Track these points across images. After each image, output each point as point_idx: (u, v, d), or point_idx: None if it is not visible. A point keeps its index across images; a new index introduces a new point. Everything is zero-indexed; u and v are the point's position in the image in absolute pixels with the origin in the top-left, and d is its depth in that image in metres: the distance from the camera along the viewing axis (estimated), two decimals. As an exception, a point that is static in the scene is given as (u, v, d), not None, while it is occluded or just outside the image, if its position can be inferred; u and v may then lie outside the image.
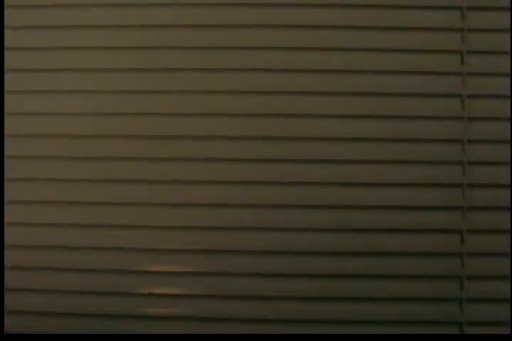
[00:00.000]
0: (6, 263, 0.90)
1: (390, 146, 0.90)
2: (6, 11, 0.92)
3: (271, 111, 0.91)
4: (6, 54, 0.92)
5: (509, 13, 0.89)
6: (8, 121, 0.91)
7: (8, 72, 0.92)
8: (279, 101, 0.91)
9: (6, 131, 0.91)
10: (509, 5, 0.89)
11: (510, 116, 0.89)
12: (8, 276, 0.91)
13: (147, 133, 0.91)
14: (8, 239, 0.91)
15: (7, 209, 0.91)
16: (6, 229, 0.91)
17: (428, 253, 0.90)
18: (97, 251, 0.91)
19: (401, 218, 0.90)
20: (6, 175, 0.91)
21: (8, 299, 0.91)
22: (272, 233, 0.90)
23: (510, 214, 0.89)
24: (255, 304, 0.90)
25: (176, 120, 0.91)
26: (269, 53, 0.91)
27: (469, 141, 0.89)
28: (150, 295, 0.90)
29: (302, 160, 0.90)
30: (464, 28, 0.89)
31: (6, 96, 0.92)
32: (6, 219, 0.91)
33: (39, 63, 0.92)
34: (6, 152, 0.91)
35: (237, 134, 0.90)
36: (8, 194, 0.91)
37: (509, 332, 0.88)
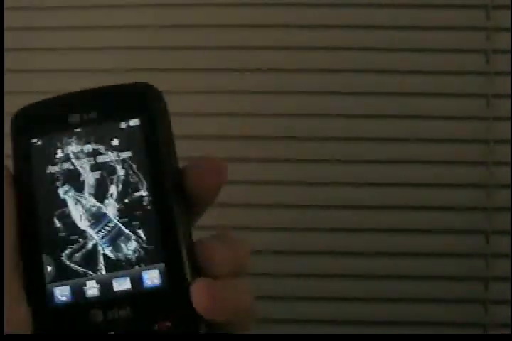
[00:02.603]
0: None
1: (413, 146, 0.89)
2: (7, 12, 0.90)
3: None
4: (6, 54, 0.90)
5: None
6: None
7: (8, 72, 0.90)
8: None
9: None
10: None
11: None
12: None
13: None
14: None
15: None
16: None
17: (452, 254, 0.89)
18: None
19: (424, 219, 0.89)
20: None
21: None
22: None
23: (511, 214, 0.88)
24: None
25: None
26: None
27: (494, 141, 0.89)
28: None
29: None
30: (488, 27, 0.89)
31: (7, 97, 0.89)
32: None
33: (42, 63, 0.91)
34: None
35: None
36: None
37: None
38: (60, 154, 0.31)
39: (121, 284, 0.29)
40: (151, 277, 0.28)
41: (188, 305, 0.28)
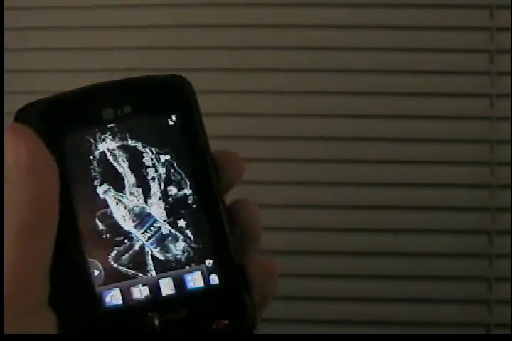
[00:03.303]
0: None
1: (415, 146, 0.89)
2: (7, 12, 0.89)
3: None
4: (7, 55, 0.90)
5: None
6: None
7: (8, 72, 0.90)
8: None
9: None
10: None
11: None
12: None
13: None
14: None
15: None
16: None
17: (456, 255, 0.88)
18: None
19: (427, 219, 0.89)
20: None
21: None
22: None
23: (510, 214, 0.88)
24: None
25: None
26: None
27: (498, 141, 0.88)
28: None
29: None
30: (492, 27, 0.88)
31: (7, 97, 0.89)
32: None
33: (42, 63, 0.91)
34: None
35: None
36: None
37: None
38: (94, 151, 0.29)
39: (174, 285, 0.28)
40: (203, 276, 0.28)
41: (244, 300, 0.27)
